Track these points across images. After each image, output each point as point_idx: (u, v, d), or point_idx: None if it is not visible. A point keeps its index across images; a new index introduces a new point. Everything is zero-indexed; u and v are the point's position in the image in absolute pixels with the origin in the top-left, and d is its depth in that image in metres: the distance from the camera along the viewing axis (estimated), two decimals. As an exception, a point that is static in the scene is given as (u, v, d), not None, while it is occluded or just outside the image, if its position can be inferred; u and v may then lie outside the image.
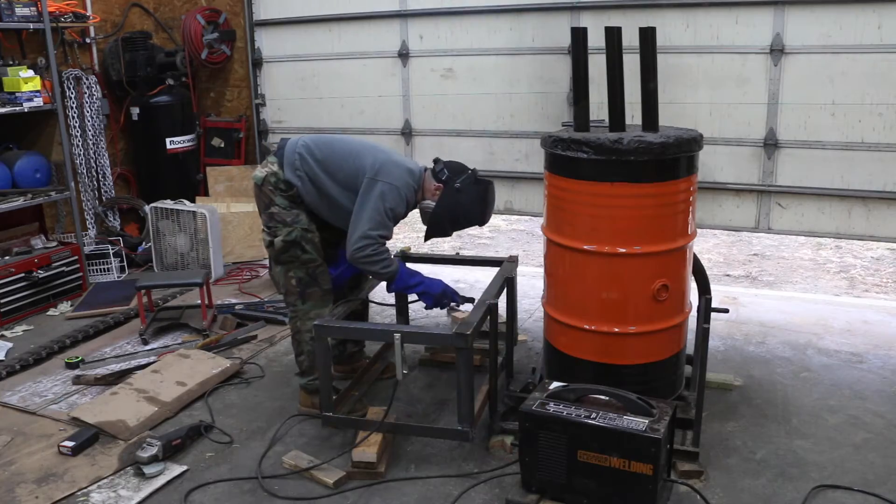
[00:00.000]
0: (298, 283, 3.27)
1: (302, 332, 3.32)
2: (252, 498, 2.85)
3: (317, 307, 3.27)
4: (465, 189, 3.14)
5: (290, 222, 3.19)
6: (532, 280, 5.04)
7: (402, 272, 3.20)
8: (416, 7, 4.97)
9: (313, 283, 3.27)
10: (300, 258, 3.23)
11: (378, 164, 3.14)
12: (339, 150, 3.25)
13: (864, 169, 3.96)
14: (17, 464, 3.09)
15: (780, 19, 3.99)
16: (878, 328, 4.37)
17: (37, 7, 4.93)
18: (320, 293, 3.29)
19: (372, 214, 3.06)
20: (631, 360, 3.07)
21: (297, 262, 3.24)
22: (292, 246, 3.20)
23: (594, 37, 3.18)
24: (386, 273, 3.16)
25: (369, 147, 3.28)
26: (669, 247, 2.98)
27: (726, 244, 6.79)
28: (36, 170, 5.20)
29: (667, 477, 2.71)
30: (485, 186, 3.20)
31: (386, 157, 3.21)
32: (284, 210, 3.21)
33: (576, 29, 3.18)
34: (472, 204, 3.17)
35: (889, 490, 2.78)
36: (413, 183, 3.18)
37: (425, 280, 3.25)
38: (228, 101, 6.36)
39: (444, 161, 3.23)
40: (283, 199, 3.21)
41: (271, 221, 3.24)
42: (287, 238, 3.19)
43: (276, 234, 3.20)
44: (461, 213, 3.19)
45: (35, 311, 4.88)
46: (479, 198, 3.19)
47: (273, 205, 3.22)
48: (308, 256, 3.23)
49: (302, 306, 3.30)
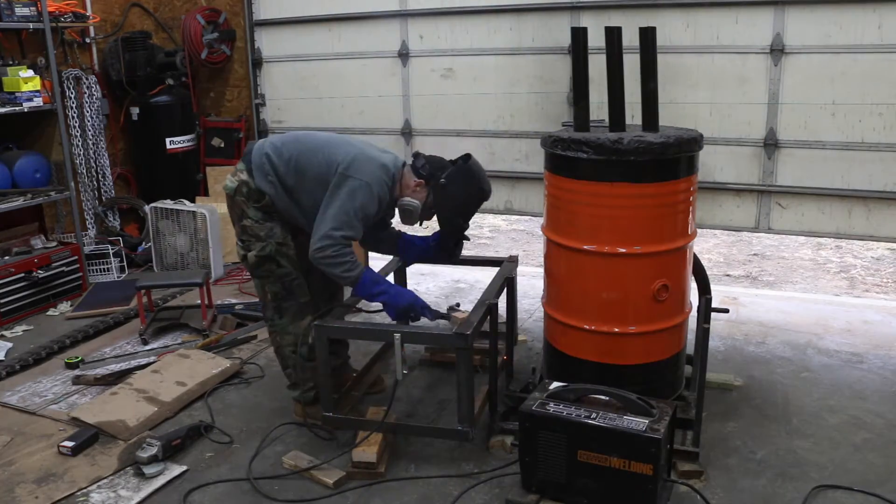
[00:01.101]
0: (274, 297, 3.17)
1: (283, 347, 3.25)
2: (252, 498, 2.85)
3: (295, 321, 3.18)
4: (452, 180, 3.02)
5: (264, 237, 3.07)
6: (532, 280, 5.04)
7: (366, 279, 2.99)
8: (416, 7, 4.96)
9: (290, 297, 3.16)
10: (275, 272, 3.11)
11: (350, 158, 2.98)
12: (308, 144, 3.09)
13: (864, 169, 3.96)
14: (16, 464, 3.08)
15: (781, 19, 3.99)
16: (879, 328, 4.37)
17: (37, 7, 4.93)
18: (297, 307, 3.18)
19: (338, 213, 2.90)
20: (631, 360, 3.07)
21: (273, 277, 3.13)
22: (266, 261, 3.09)
23: (594, 37, 3.18)
24: (347, 277, 2.97)
25: (340, 140, 3.12)
26: (669, 247, 2.98)
27: (726, 244, 6.79)
28: (36, 170, 5.20)
29: (667, 477, 2.71)
30: (466, 168, 3.05)
31: (358, 150, 3.03)
32: (257, 224, 3.08)
33: (576, 29, 3.18)
34: (466, 189, 3.05)
35: (889, 490, 2.78)
36: (387, 179, 3.01)
37: (390, 290, 3.03)
38: (228, 101, 6.36)
39: (424, 156, 3.09)
40: (255, 210, 3.07)
41: (244, 235, 3.12)
42: (261, 253, 3.08)
43: (250, 249, 3.10)
44: (461, 204, 3.08)
45: (35, 311, 4.88)
46: (468, 181, 3.05)
47: (245, 217, 3.10)
48: (283, 271, 3.12)
49: (279, 321, 3.21)
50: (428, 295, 5.07)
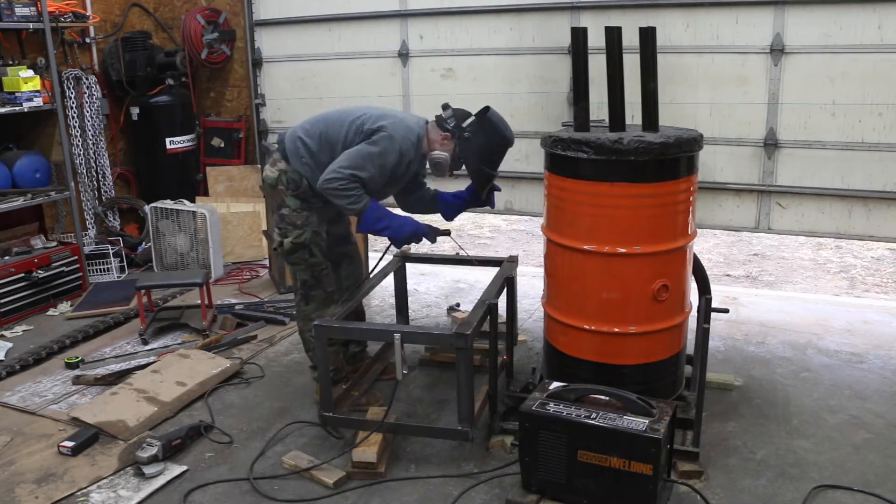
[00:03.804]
0: (303, 285, 3.36)
1: (305, 332, 3.42)
2: (252, 498, 2.85)
3: (319, 309, 3.33)
4: (475, 132, 3.14)
5: (301, 225, 3.21)
6: (532, 280, 5.04)
7: (368, 215, 3.10)
8: (416, 7, 4.96)
9: (317, 286, 3.34)
10: (307, 261, 3.28)
11: (374, 117, 3.14)
12: (334, 117, 3.24)
13: (864, 169, 3.96)
14: (17, 464, 3.09)
15: (781, 19, 3.99)
16: (879, 328, 4.37)
17: (37, 7, 4.93)
18: (323, 296, 3.35)
19: (353, 154, 3.05)
20: (631, 360, 3.07)
21: (304, 265, 3.29)
22: (300, 248, 3.24)
23: (594, 37, 3.18)
24: (351, 210, 3.09)
25: (363, 108, 3.27)
26: (669, 247, 2.98)
27: (726, 244, 6.79)
28: (36, 170, 5.21)
29: (667, 477, 2.71)
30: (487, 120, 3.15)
31: (381, 112, 3.22)
32: (295, 212, 3.22)
33: (576, 29, 3.18)
34: (489, 139, 3.15)
35: (889, 490, 2.78)
36: (410, 135, 3.14)
37: (392, 224, 3.14)
38: (228, 101, 6.36)
39: (451, 108, 3.21)
40: (294, 199, 3.21)
41: (282, 223, 3.25)
42: (297, 241, 3.22)
43: (286, 236, 3.23)
44: (485, 153, 3.18)
45: (35, 311, 4.88)
46: (489, 131, 3.15)
47: (284, 206, 3.23)
48: (315, 260, 3.28)
49: (305, 307, 3.38)
50: (428, 295, 5.08)
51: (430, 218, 3.50)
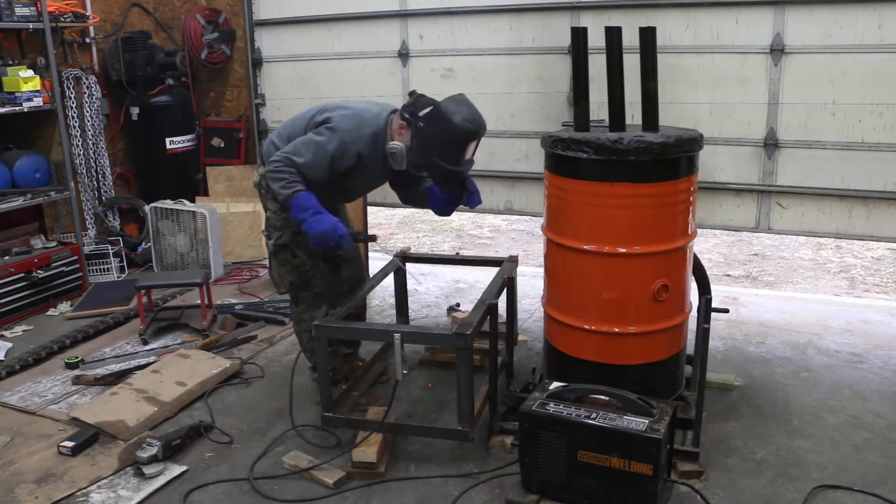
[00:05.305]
0: (291, 286, 3.37)
1: (300, 333, 3.41)
2: (252, 498, 2.85)
3: (310, 310, 3.32)
4: (428, 122, 2.90)
5: (280, 227, 3.21)
6: (532, 280, 5.04)
7: (294, 203, 2.94)
8: (416, 7, 4.96)
9: (304, 287, 3.32)
10: (291, 262, 3.28)
11: (331, 108, 3.10)
12: (299, 117, 3.23)
13: (864, 169, 3.96)
14: (16, 464, 3.08)
15: (781, 19, 3.99)
16: (879, 328, 4.37)
17: (36, 7, 4.93)
18: (311, 297, 3.33)
19: (295, 142, 3.04)
20: (631, 360, 3.07)
21: (289, 266, 3.30)
22: (282, 250, 3.25)
23: (594, 37, 3.17)
24: (281, 194, 2.98)
25: (326, 103, 3.20)
26: (669, 247, 2.98)
27: (726, 244, 6.79)
28: (35, 170, 5.20)
29: (667, 477, 2.71)
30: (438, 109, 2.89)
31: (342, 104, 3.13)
32: (275, 214, 3.22)
33: (576, 29, 3.18)
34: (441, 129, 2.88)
35: (889, 490, 2.78)
36: (365, 129, 3.02)
37: (310, 219, 2.92)
38: (228, 101, 6.36)
39: (417, 95, 3.03)
40: (273, 202, 3.19)
41: (266, 225, 3.32)
42: (277, 242, 3.24)
43: (269, 238, 3.27)
44: (438, 145, 2.91)
45: (35, 311, 4.88)
46: (442, 122, 2.88)
47: (266, 209, 3.29)
48: (298, 261, 3.26)
49: (296, 309, 3.40)
50: (428, 295, 5.08)
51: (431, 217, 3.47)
